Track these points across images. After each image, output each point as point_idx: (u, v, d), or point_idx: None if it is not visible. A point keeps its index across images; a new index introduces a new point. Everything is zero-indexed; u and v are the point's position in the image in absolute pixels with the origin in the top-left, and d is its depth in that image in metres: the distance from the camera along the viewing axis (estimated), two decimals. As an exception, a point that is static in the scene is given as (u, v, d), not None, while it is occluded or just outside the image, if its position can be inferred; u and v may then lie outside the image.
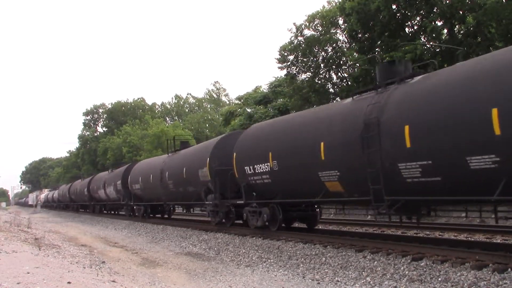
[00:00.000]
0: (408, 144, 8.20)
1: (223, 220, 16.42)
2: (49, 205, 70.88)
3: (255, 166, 13.39)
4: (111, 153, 58.07)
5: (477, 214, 12.48)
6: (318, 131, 10.86)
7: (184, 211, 27.71)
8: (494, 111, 6.84)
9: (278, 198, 13.11)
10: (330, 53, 29.58)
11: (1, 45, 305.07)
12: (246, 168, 13.79)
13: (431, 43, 21.68)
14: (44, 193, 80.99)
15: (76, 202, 46.61)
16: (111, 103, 76.62)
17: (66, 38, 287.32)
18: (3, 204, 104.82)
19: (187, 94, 78.93)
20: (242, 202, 14.36)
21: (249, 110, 38.46)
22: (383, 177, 8.77)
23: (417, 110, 8.26)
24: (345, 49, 28.60)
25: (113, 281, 8.03)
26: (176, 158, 20.89)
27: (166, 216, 26.12)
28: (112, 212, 36.12)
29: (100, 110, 78.84)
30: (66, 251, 13.18)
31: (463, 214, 13.80)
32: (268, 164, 12.71)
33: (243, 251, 12.22)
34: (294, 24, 29.70)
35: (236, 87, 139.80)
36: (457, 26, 21.23)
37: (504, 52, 7.62)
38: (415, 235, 12.86)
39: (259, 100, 38.67)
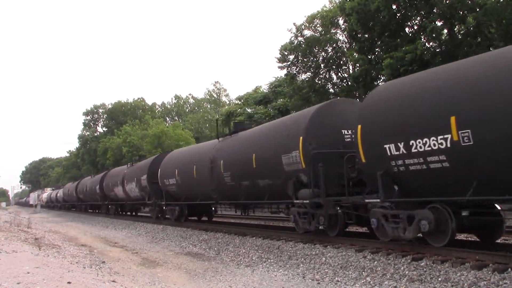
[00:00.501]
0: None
1: (322, 227, 11.43)
2: (52, 205, 67.68)
3: (412, 142, 8.32)
4: (111, 153, 58.05)
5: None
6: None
7: (242, 213, 18.94)
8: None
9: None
10: (330, 53, 29.62)
11: (1, 45, 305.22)
12: (388, 146, 8.80)
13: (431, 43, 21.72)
14: (47, 192, 77.51)
15: (85, 202, 41.69)
16: (111, 103, 76.67)
17: (66, 38, 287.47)
18: (3, 204, 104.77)
19: (188, 95, 79.09)
20: (378, 200, 9.40)
21: (249, 110, 38.48)
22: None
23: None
24: (345, 49, 28.63)
25: (113, 281, 8.03)
26: (235, 143, 15.89)
27: (205, 218, 21.72)
28: (133, 213, 31.70)
29: (100, 110, 78.84)
30: (66, 251, 13.18)
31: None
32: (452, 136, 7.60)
33: (243, 251, 12.22)
34: (294, 24, 29.78)
35: (236, 87, 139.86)
36: (457, 26, 21.23)
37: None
38: (415, 235, 12.84)
39: (259, 100, 38.69)
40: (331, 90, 30.36)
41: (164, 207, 21.95)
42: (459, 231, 9.06)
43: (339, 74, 30.37)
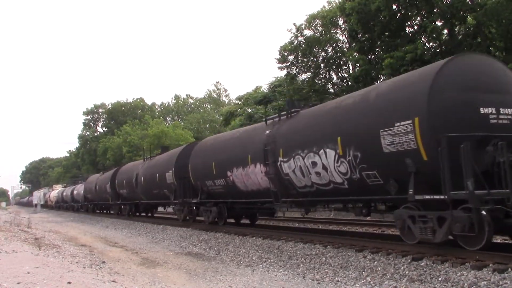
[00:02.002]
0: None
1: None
2: (65, 206, 54.34)
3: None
4: (111, 153, 58.11)
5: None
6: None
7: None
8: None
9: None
10: (330, 53, 29.62)
11: (1, 45, 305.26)
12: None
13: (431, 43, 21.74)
14: (57, 190, 64.43)
15: (133, 201, 27.75)
16: (111, 103, 76.73)
17: (67, 38, 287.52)
18: (3, 204, 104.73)
19: (187, 95, 79.10)
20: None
21: (249, 110, 38.49)
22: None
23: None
24: (345, 49, 28.64)
25: (113, 281, 8.03)
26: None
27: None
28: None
29: (100, 110, 78.88)
30: (66, 251, 13.18)
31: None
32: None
33: (243, 251, 12.22)
34: (294, 24, 29.77)
35: (236, 87, 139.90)
36: (457, 26, 21.24)
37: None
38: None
39: (259, 100, 38.70)
40: (331, 90, 30.37)
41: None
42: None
43: (339, 74, 30.39)
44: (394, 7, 22.13)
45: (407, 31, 23.13)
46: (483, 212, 7.55)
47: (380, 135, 8.69)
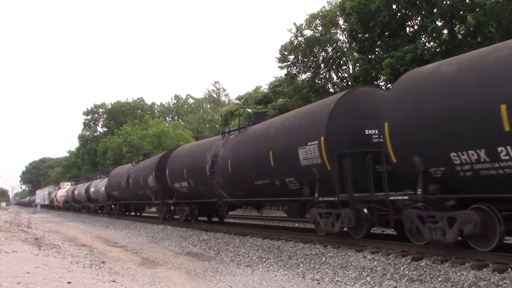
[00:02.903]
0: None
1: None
2: (77, 206, 45.92)
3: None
4: (111, 153, 58.11)
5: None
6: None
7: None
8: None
9: None
10: (330, 53, 29.60)
11: (1, 45, 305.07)
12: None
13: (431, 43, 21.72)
14: (65, 188, 55.93)
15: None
16: (111, 103, 76.73)
17: (67, 38, 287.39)
18: (3, 204, 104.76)
19: (186, 95, 79.07)
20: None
21: (249, 110, 38.48)
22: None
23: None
24: (345, 49, 28.62)
25: (113, 281, 8.03)
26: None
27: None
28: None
29: (100, 110, 78.89)
30: (66, 251, 13.18)
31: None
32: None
33: (243, 251, 12.22)
34: (294, 24, 29.73)
35: (236, 87, 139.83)
36: (457, 26, 21.24)
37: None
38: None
39: (259, 100, 38.70)
40: (331, 90, 30.34)
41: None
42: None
43: (339, 74, 30.37)
44: (394, 7, 22.11)
45: (407, 31, 23.12)
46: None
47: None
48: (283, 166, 11.92)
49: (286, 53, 30.25)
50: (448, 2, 20.27)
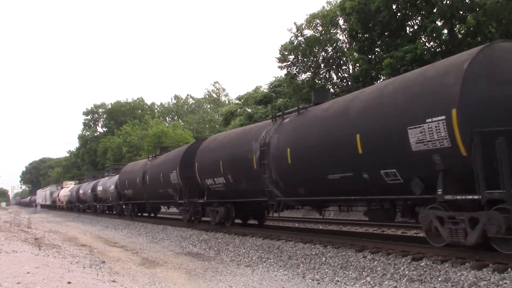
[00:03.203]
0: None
1: None
2: (82, 207, 42.58)
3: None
4: (111, 153, 58.14)
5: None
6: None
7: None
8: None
9: None
10: (330, 53, 29.60)
11: (1, 45, 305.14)
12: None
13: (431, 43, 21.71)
14: (69, 187, 52.47)
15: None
16: (111, 103, 76.77)
17: (66, 38, 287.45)
18: (3, 204, 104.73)
19: (187, 95, 79.12)
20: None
21: (249, 110, 38.49)
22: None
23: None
24: (345, 49, 28.62)
25: (113, 281, 8.03)
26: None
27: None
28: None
29: (100, 110, 78.91)
30: (66, 251, 13.18)
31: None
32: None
33: (243, 251, 12.22)
34: (295, 23, 29.73)
35: (236, 87, 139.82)
36: (457, 26, 21.23)
37: None
38: (415, 235, 12.84)
39: (259, 100, 38.71)
40: (331, 90, 30.36)
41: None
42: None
43: (339, 74, 30.37)
44: (394, 7, 22.12)
45: (407, 31, 23.12)
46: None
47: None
48: (379, 153, 8.88)
49: (286, 53, 30.25)
50: (447, 2, 20.27)
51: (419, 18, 22.40)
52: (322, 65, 29.73)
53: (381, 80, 24.24)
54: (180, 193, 19.10)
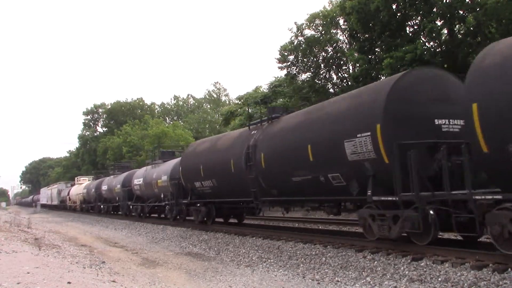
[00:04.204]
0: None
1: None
2: (105, 207, 34.26)
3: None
4: (111, 153, 58.12)
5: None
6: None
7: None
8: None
9: None
10: (330, 53, 29.62)
11: (1, 45, 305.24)
12: None
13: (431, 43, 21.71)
14: (83, 184, 44.06)
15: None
16: (111, 103, 76.78)
17: (66, 38, 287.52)
18: (3, 204, 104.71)
19: (188, 95, 79.14)
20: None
21: (249, 110, 38.45)
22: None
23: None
24: (345, 49, 28.64)
25: (113, 281, 8.03)
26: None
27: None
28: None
29: (100, 110, 78.90)
30: (66, 251, 13.18)
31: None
32: None
33: (243, 251, 12.22)
34: (295, 23, 29.74)
35: (236, 87, 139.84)
36: (457, 26, 21.24)
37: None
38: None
39: (259, 100, 38.69)
40: (331, 90, 30.37)
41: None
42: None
43: (339, 74, 30.38)
44: (394, 7, 22.13)
45: (407, 31, 23.14)
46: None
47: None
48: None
49: (286, 53, 30.27)
50: (447, 2, 20.27)
51: (418, 18, 22.42)
52: (322, 65, 29.75)
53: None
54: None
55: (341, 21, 28.64)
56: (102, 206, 34.66)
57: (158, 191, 23.07)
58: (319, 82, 30.02)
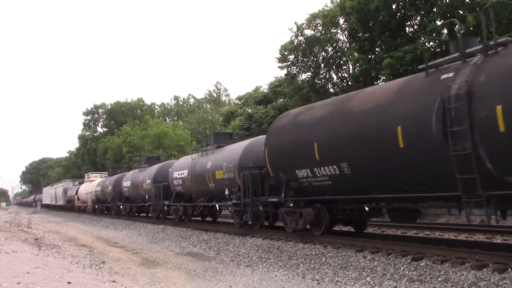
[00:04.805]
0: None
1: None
2: (126, 208, 28.68)
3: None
4: (111, 153, 58.10)
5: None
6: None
7: None
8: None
9: None
10: (330, 53, 29.59)
11: (1, 45, 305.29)
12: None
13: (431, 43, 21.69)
14: (95, 181, 38.58)
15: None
16: (111, 103, 76.77)
17: (66, 38, 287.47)
18: (3, 204, 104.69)
19: (188, 95, 79.12)
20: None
21: (249, 110, 38.47)
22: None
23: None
24: (345, 49, 28.62)
25: (113, 281, 8.03)
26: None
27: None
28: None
29: (100, 110, 78.88)
30: (66, 251, 13.18)
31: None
32: None
33: (243, 251, 12.22)
34: (295, 23, 29.71)
35: (237, 87, 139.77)
36: (457, 26, 21.23)
37: None
38: (415, 235, 12.86)
39: (259, 100, 38.70)
40: (331, 90, 30.34)
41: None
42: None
43: (339, 74, 30.36)
44: (394, 6, 22.12)
45: (406, 31, 23.13)
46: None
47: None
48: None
49: (286, 53, 30.23)
50: (447, 2, 20.27)
51: (418, 18, 22.41)
52: (322, 65, 29.70)
53: (381, 80, 24.24)
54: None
55: (341, 21, 28.61)
56: (122, 207, 28.88)
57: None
58: (319, 82, 29.98)
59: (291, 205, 12.70)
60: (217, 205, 17.65)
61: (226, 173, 15.82)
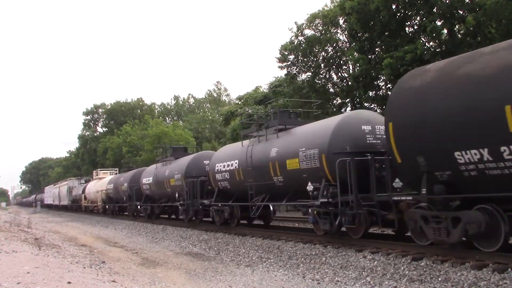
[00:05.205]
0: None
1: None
2: (147, 209, 24.89)
3: None
4: (111, 153, 58.11)
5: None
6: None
7: None
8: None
9: None
10: (330, 53, 29.60)
11: (1, 45, 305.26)
12: None
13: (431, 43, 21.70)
14: (106, 178, 35.17)
15: None
16: (111, 103, 76.79)
17: (66, 38, 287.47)
18: (3, 204, 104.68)
19: (188, 95, 79.14)
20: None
21: (249, 110, 38.45)
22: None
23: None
24: (345, 49, 28.63)
25: (113, 281, 8.03)
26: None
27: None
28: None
29: (100, 110, 78.89)
30: (66, 251, 13.19)
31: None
32: None
33: (243, 251, 12.22)
34: (296, 23, 29.72)
35: (236, 87, 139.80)
36: (457, 26, 21.25)
37: None
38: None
39: (259, 100, 38.69)
40: (331, 90, 30.36)
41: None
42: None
43: (339, 74, 30.37)
44: (394, 7, 22.12)
45: (406, 31, 23.14)
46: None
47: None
48: None
49: (286, 53, 30.24)
50: (447, 2, 20.27)
51: (418, 18, 22.42)
52: (322, 65, 29.72)
53: (381, 80, 24.25)
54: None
55: (341, 21, 28.61)
56: (142, 207, 25.45)
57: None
58: (319, 82, 29.99)
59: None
60: (286, 205, 14.00)
61: (304, 162, 11.88)
